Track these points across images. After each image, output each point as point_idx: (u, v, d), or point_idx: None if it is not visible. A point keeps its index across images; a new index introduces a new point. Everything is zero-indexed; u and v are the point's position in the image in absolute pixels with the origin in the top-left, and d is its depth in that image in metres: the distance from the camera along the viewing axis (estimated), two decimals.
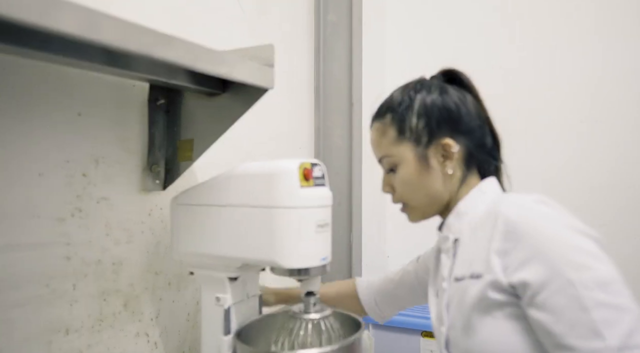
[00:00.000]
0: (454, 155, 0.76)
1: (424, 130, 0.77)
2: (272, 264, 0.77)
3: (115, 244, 0.92)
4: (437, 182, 0.77)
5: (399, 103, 0.80)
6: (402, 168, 0.79)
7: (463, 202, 0.77)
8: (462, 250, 0.74)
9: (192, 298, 1.11)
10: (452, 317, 0.71)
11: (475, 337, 0.65)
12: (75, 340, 0.83)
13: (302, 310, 0.82)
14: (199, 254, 0.84)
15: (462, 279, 0.70)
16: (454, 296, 0.72)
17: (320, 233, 0.77)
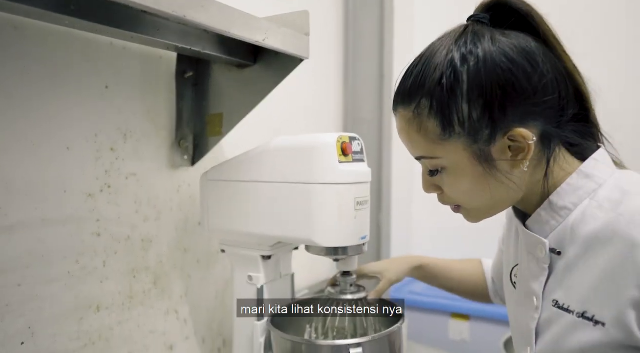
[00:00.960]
0: (531, 148, 0.53)
1: (482, 121, 0.52)
2: (309, 243, 0.73)
3: (144, 221, 0.90)
4: (505, 185, 0.55)
5: (439, 80, 0.53)
6: (452, 173, 0.56)
7: (557, 196, 0.55)
8: (567, 271, 0.54)
9: (221, 276, 1.09)
10: (544, 346, 0.57)
11: None
12: (106, 317, 0.82)
13: (338, 292, 0.79)
14: (231, 232, 0.81)
15: (566, 310, 0.53)
16: (551, 324, 0.56)
17: (360, 210, 0.73)
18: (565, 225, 0.55)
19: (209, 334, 1.06)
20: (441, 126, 0.54)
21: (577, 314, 0.51)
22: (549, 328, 0.56)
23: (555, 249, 0.56)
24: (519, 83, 0.52)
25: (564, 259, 0.55)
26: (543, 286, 0.57)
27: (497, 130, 0.53)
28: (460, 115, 0.53)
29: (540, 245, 0.57)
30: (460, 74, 0.52)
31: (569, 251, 0.54)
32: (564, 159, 0.57)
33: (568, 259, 0.54)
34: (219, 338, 1.09)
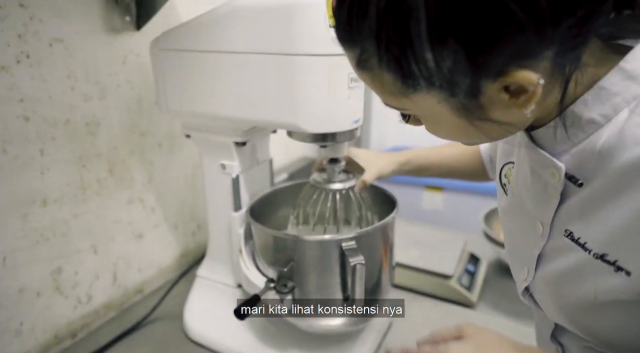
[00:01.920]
0: (537, 92, 0.36)
1: (457, 70, 0.35)
2: (292, 128, 0.61)
3: (85, 100, 0.74)
4: (502, 127, 0.41)
5: (384, 14, 0.34)
6: (430, 122, 0.44)
7: (583, 104, 0.40)
8: (590, 203, 0.41)
9: (188, 160, 0.98)
10: (548, 273, 0.47)
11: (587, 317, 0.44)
12: (56, 211, 0.72)
13: (325, 180, 0.70)
14: (195, 114, 0.67)
15: (581, 246, 0.42)
16: (559, 255, 0.45)
17: (353, 88, 0.60)
18: (591, 146, 0.40)
19: (181, 220, 0.99)
20: (400, 80, 0.37)
21: (594, 255, 0.41)
22: (556, 259, 0.46)
23: (575, 178, 0.41)
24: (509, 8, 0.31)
25: (586, 190, 0.41)
26: (553, 214, 0.44)
27: (481, 78, 0.36)
28: (423, 66, 0.35)
29: (552, 169, 0.43)
30: (414, 3, 0.32)
31: (594, 181, 0.40)
32: (593, 57, 0.39)
33: (593, 190, 0.41)
34: (192, 223, 1.02)
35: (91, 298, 0.80)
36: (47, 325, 0.73)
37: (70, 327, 0.77)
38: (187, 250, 1.02)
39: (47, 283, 0.72)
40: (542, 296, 0.48)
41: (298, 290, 0.62)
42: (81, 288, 0.78)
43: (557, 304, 0.47)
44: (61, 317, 0.75)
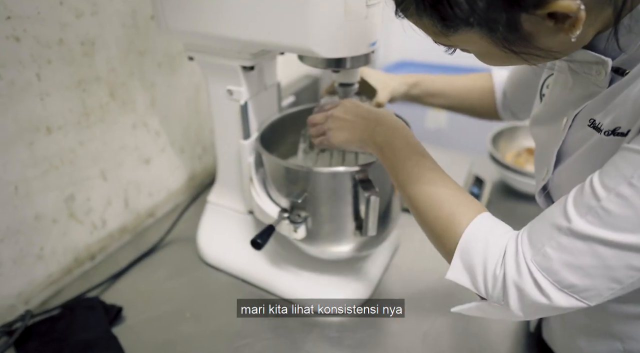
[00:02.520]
0: (581, 18, 0.35)
1: (492, 9, 0.36)
2: (304, 52, 0.56)
3: (77, 17, 0.67)
4: (550, 54, 0.41)
5: None
6: (477, 54, 0.44)
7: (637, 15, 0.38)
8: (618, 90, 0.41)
9: (190, 80, 0.93)
10: (565, 168, 0.48)
11: None
12: (62, 138, 0.70)
13: None
14: (200, 34, 0.61)
15: (597, 129, 0.43)
16: (579, 146, 0.45)
17: (372, 6, 0.54)
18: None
19: (187, 144, 0.97)
20: (440, 24, 0.39)
21: (605, 132, 0.41)
22: (575, 150, 0.46)
23: (622, 69, 0.41)
24: None
25: (626, 78, 0.41)
26: (580, 108, 0.45)
27: (517, 12, 0.36)
28: (458, 8, 0.37)
29: (598, 66, 0.42)
30: None
31: (635, 70, 0.40)
32: None
33: (630, 76, 0.40)
34: (197, 146, 1.01)
35: (106, 223, 0.81)
36: (67, 249, 0.75)
37: (89, 250, 0.79)
38: (195, 174, 1.02)
39: (61, 210, 0.72)
40: (558, 192, 0.49)
41: (311, 219, 0.63)
42: (95, 213, 0.79)
43: None
44: (79, 241, 0.77)
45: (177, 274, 0.77)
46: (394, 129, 0.55)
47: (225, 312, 0.69)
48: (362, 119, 0.57)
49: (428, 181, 0.49)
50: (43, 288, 0.72)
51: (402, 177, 0.51)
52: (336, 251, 0.67)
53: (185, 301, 0.72)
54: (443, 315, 0.68)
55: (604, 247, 0.36)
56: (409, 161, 0.51)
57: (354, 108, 0.59)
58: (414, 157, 0.51)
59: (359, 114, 0.58)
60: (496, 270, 0.41)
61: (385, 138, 0.54)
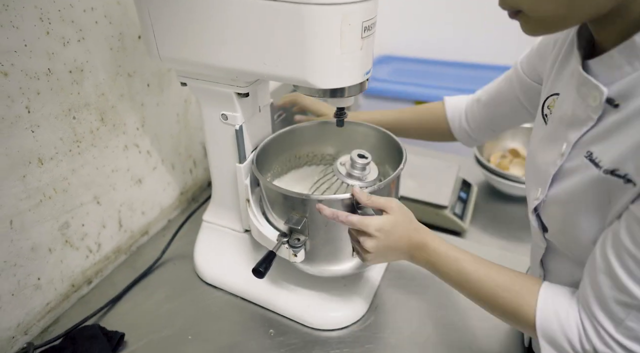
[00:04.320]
0: None
1: None
2: (301, 83, 0.57)
3: (64, 45, 0.66)
4: None
5: None
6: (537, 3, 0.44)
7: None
8: (618, 126, 0.44)
9: (178, 97, 0.93)
10: (558, 191, 0.51)
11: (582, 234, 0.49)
12: (54, 168, 0.69)
13: (347, 174, 0.67)
14: (194, 63, 0.61)
15: (596, 164, 0.46)
16: (574, 174, 0.49)
17: (367, 38, 0.55)
18: (638, 75, 0.42)
19: (177, 159, 0.97)
20: None
21: (604, 170, 0.44)
22: (570, 177, 0.49)
23: (614, 100, 0.44)
24: None
25: (620, 113, 0.44)
26: (581, 135, 0.48)
27: None
28: None
29: (595, 93, 0.45)
30: None
31: (629, 105, 0.43)
32: None
33: (626, 113, 0.43)
34: (188, 160, 1.01)
35: (100, 246, 0.81)
36: (64, 276, 0.75)
37: (85, 275, 0.79)
38: (186, 188, 1.02)
39: (56, 239, 0.72)
40: (549, 214, 0.53)
41: (309, 242, 0.65)
42: (90, 238, 0.78)
43: (560, 223, 0.51)
44: (75, 267, 0.77)
45: (176, 294, 0.78)
46: (429, 252, 0.58)
47: (227, 331, 0.71)
48: (396, 249, 0.59)
49: (478, 284, 0.53)
50: (41, 317, 0.72)
51: (453, 284, 0.56)
52: (335, 269, 0.69)
53: (186, 322, 0.73)
54: (438, 326, 0.71)
55: None
56: (451, 271, 0.56)
57: (384, 242, 0.58)
58: (455, 267, 0.55)
59: (390, 246, 0.59)
60: (585, 346, 0.45)
61: (425, 260, 0.58)
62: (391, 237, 0.58)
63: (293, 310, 0.72)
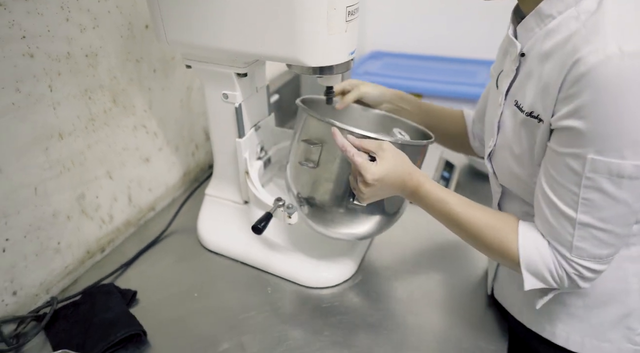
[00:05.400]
0: None
1: None
2: (293, 62, 0.65)
3: (81, 31, 0.74)
4: None
5: None
6: None
7: (548, 3, 0.52)
8: (527, 76, 0.56)
9: (182, 83, 1.01)
10: (503, 137, 0.61)
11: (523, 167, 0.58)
12: (73, 142, 0.77)
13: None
14: (198, 46, 0.69)
15: (520, 109, 0.57)
16: (508, 120, 0.60)
17: (350, 21, 0.63)
18: (543, 32, 0.54)
19: (181, 142, 1.05)
20: None
21: (526, 113, 0.55)
22: (507, 124, 0.60)
23: (523, 52, 0.57)
24: None
25: (526, 63, 0.57)
26: (508, 86, 0.60)
27: None
28: None
29: (513, 48, 0.58)
30: None
31: (532, 56, 0.55)
32: None
33: (529, 62, 0.56)
34: (191, 144, 1.09)
35: (112, 218, 0.89)
36: (80, 243, 0.82)
37: (99, 243, 0.87)
38: (189, 169, 1.10)
39: (74, 208, 0.79)
40: (497, 160, 0.63)
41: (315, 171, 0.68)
42: (103, 210, 0.86)
43: (506, 167, 0.61)
44: (90, 235, 0.84)
45: (181, 260, 0.86)
46: (421, 195, 0.61)
47: (228, 290, 0.79)
48: (390, 191, 0.62)
49: (465, 223, 0.59)
50: (61, 278, 0.80)
51: (443, 223, 0.62)
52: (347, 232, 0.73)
53: (191, 283, 0.80)
54: (418, 284, 0.79)
55: None
56: (441, 211, 0.60)
57: (379, 188, 0.61)
58: (444, 208, 0.60)
59: (384, 190, 0.62)
60: (558, 272, 0.53)
61: (417, 201, 0.62)
62: (385, 184, 0.60)
63: (288, 271, 0.80)
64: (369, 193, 0.62)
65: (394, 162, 0.61)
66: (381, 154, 0.60)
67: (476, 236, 0.58)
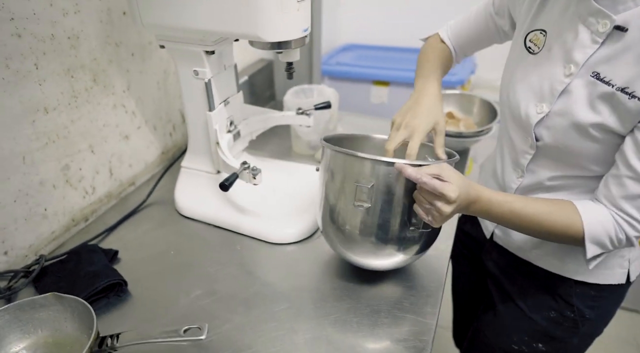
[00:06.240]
0: None
1: None
2: (254, 38, 0.74)
3: (64, 15, 0.82)
4: None
5: None
6: None
7: None
8: (625, 49, 0.57)
9: (159, 67, 1.09)
10: (564, 105, 0.63)
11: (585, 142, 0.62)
12: (57, 117, 0.84)
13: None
14: (168, 27, 0.78)
15: (606, 83, 0.58)
16: (581, 90, 0.61)
17: (301, 3, 0.73)
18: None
19: (159, 122, 1.13)
20: None
21: (616, 88, 0.57)
22: (577, 93, 0.62)
23: (622, 26, 0.57)
24: None
25: (626, 37, 0.57)
26: (588, 57, 0.60)
27: None
28: None
29: (605, 21, 0.58)
30: None
31: (635, 32, 0.56)
32: None
33: (632, 38, 0.56)
34: (168, 124, 1.17)
35: (95, 189, 0.97)
36: (66, 211, 0.90)
37: (83, 212, 0.95)
38: (167, 149, 1.18)
39: (59, 178, 0.87)
40: (553, 125, 0.65)
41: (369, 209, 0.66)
42: (86, 181, 0.94)
43: (560, 132, 0.64)
44: (74, 204, 0.92)
45: (159, 226, 0.94)
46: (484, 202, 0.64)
47: (202, 249, 0.87)
48: (460, 208, 0.63)
49: (529, 217, 0.63)
50: (48, 243, 0.87)
51: (508, 223, 0.66)
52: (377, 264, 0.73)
53: (168, 243, 0.89)
54: None
55: None
56: (504, 212, 0.64)
57: (459, 206, 0.61)
58: (507, 208, 0.63)
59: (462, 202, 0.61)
60: (619, 236, 0.62)
61: (480, 210, 0.64)
62: (462, 200, 0.60)
63: (256, 230, 0.89)
64: (451, 213, 0.61)
65: (458, 178, 0.61)
66: (446, 175, 0.60)
67: (543, 226, 0.64)
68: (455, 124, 1.29)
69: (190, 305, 0.75)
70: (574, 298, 0.78)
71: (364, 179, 0.65)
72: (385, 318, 0.72)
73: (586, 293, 0.77)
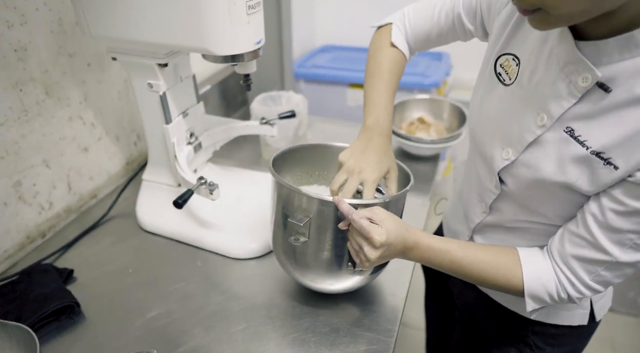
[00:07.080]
0: None
1: None
2: (204, 51, 0.71)
3: (8, 27, 0.78)
4: None
5: None
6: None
7: None
8: (605, 110, 0.49)
9: (119, 76, 1.06)
10: (532, 156, 0.57)
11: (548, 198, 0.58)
12: (6, 132, 0.81)
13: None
14: (119, 40, 0.75)
15: (580, 142, 0.52)
16: (550, 145, 0.55)
17: (252, 14, 0.70)
18: (634, 65, 0.47)
19: (121, 132, 1.10)
20: None
21: (591, 151, 0.51)
22: (546, 146, 0.56)
23: (606, 85, 0.49)
24: None
25: (609, 98, 0.49)
26: (564, 111, 0.53)
27: None
28: None
29: (586, 75, 0.49)
30: None
31: (619, 93, 0.48)
32: None
33: (615, 99, 0.48)
34: (132, 134, 1.14)
35: (52, 205, 0.94)
36: (19, 228, 0.87)
37: (39, 229, 0.92)
38: (132, 159, 1.15)
39: (10, 195, 0.84)
40: (517, 174, 0.60)
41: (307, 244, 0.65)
42: (42, 196, 0.91)
43: (524, 183, 0.59)
44: (29, 221, 0.89)
45: (119, 241, 0.92)
46: (422, 250, 0.61)
47: (162, 265, 0.85)
48: (394, 253, 0.61)
49: (470, 268, 0.61)
50: (1, 262, 0.84)
51: (448, 271, 0.63)
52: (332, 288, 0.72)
53: (127, 260, 0.87)
54: None
55: None
56: (444, 261, 0.62)
57: (385, 253, 0.59)
58: (447, 258, 0.61)
59: (389, 255, 0.60)
60: (560, 295, 0.59)
61: (419, 257, 0.62)
62: (391, 247, 0.58)
63: (217, 245, 0.87)
64: (377, 259, 0.59)
65: (391, 222, 0.58)
66: (378, 218, 0.58)
67: (484, 278, 0.62)
68: (426, 129, 1.28)
69: (145, 326, 0.73)
70: (532, 336, 0.74)
71: (302, 213, 0.63)
72: (344, 336, 0.70)
73: (546, 332, 0.73)
